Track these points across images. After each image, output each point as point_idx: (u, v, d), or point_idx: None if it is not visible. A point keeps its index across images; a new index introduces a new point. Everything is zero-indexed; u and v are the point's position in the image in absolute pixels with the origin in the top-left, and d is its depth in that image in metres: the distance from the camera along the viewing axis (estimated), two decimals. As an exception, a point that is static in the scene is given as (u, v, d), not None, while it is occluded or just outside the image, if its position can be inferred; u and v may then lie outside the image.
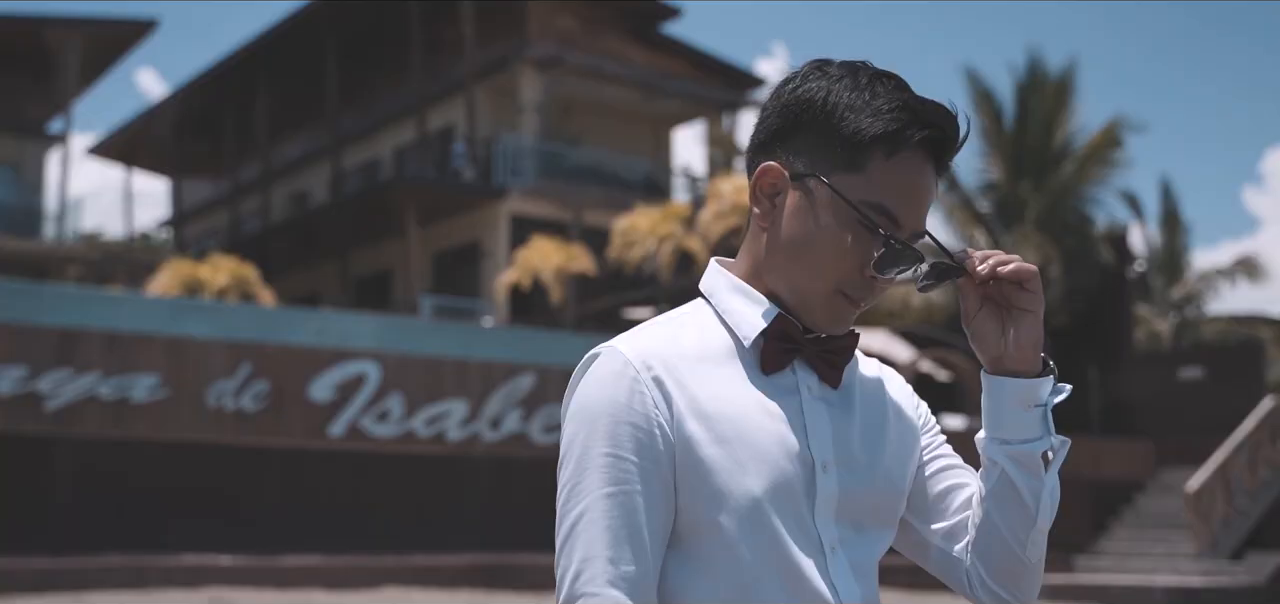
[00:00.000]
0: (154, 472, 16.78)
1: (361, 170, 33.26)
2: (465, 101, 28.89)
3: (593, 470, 1.55)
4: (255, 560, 16.17)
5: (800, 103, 1.62)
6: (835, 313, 1.61)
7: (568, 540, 1.55)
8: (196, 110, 35.85)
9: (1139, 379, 26.98)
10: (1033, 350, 1.62)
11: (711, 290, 1.69)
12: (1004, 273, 1.59)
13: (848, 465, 1.62)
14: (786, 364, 1.62)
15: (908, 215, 1.59)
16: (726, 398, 1.58)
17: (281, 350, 17.68)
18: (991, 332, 1.62)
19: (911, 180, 1.59)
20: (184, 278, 22.92)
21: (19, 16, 30.88)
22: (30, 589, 14.57)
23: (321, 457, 17.81)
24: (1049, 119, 28.79)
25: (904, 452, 1.72)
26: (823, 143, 1.59)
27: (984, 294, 1.63)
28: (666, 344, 1.61)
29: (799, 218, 1.60)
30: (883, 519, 1.68)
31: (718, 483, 1.55)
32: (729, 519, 1.54)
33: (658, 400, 1.56)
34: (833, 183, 1.58)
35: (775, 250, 1.63)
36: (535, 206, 28.19)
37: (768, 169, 1.63)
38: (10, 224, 30.56)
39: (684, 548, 1.57)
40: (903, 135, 1.57)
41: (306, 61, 31.83)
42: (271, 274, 27.82)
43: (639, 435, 1.55)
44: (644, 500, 1.54)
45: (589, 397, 1.58)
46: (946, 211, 28.61)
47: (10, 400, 15.88)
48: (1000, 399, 1.63)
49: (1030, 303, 1.60)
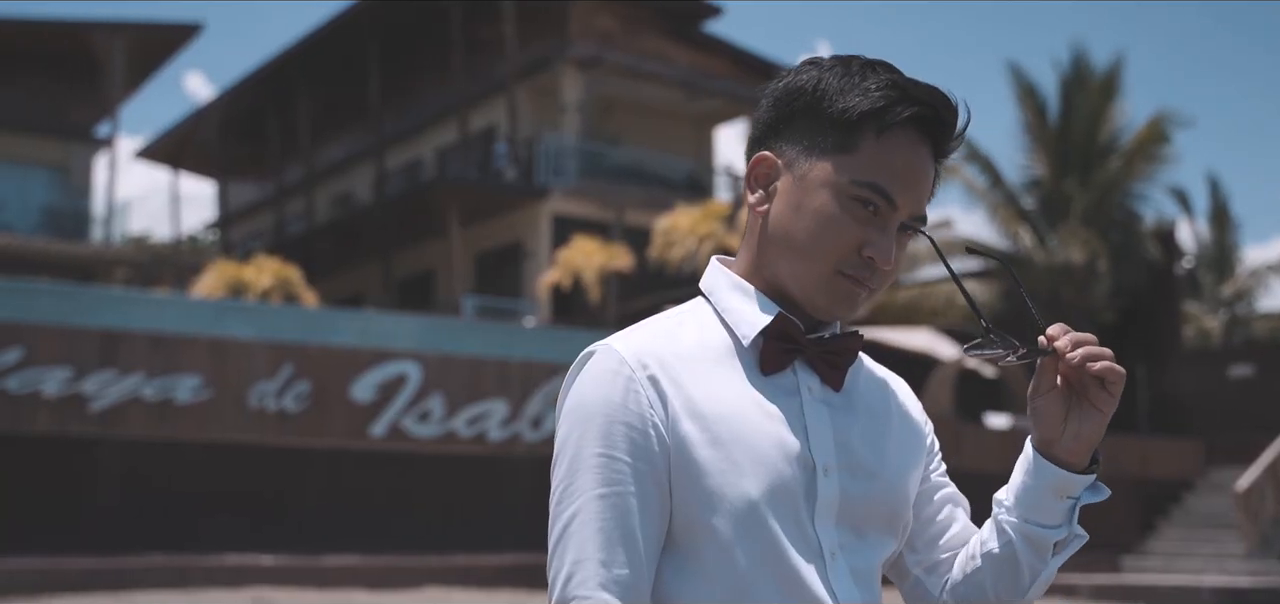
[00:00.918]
0: (197, 472, 16.91)
1: (404, 171, 33.41)
2: (507, 102, 28.95)
3: (586, 471, 1.52)
4: (297, 560, 16.25)
5: (791, 93, 1.60)
6: (837, 294, 1.57)
7: (560, 543, 1.52)
8: (242, 113, 36.13)
9: (1188, 377, 26.69)
10: (1089, 447, 1.58)
11: (711, 289, 1.66)
12: (1093, 369, 1.54)
13: (849, 469, 1.59)
14: (787, 365, 1.59)
15: (902, 195, 1.56)
16: (724, 398, 1.55)
17: (323, 351, 17.76)
18: (1055, 414, 1.58)
19: (904, 159, 1.56)
20: (228, 279, 23.10)
21: (65, 21, 31.23)
22: (75, 589, 14.72)
23: (363, 457, 17.89)
24: (1094, 114, 28.50)
25: (908, 460, 1.68)
26: (814, 128, 1.57)
27: (1064, 372, 1.57)
28: (663, 343, 1.58)
29: (793, 203, 1.58)
30: (885, 525, 1.63)
31: (712, 485, 1.51)
32: (724, 522, 1.51)
33: (653, 400, 1.53)
34: (825, 163, 1.56)
35: (772, 239, 1.60)
36: (577, 206, 28.20)
37: (761, 158, 1.62)
38: (58, 227, 30.91)
39: (679, 551, 1.54)
40: (891, 111, 1.54)
41: (350, 63, 32.00)
42: (315, 275, 28.00)
43: (633, 436, 1.52)
44: (638, 502, 1.51)
45: (583, 396, 1.55)
46: (990, 209, 28.38)
47: (56, 401, 16.05)
48: (1037, 480, 1.60)
49: (1105, 404, 1.56)
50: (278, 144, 36.06)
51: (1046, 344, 1.55)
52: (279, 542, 16.74)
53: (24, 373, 15.87)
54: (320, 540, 17.06)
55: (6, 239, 28.55)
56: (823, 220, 1.55)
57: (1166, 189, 36.45)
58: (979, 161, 28.99)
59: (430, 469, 18.19)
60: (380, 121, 32.17)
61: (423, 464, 18.18)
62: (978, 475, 17.06)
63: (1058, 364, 1.56)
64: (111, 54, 30.86)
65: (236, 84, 35.02)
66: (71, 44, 31.14)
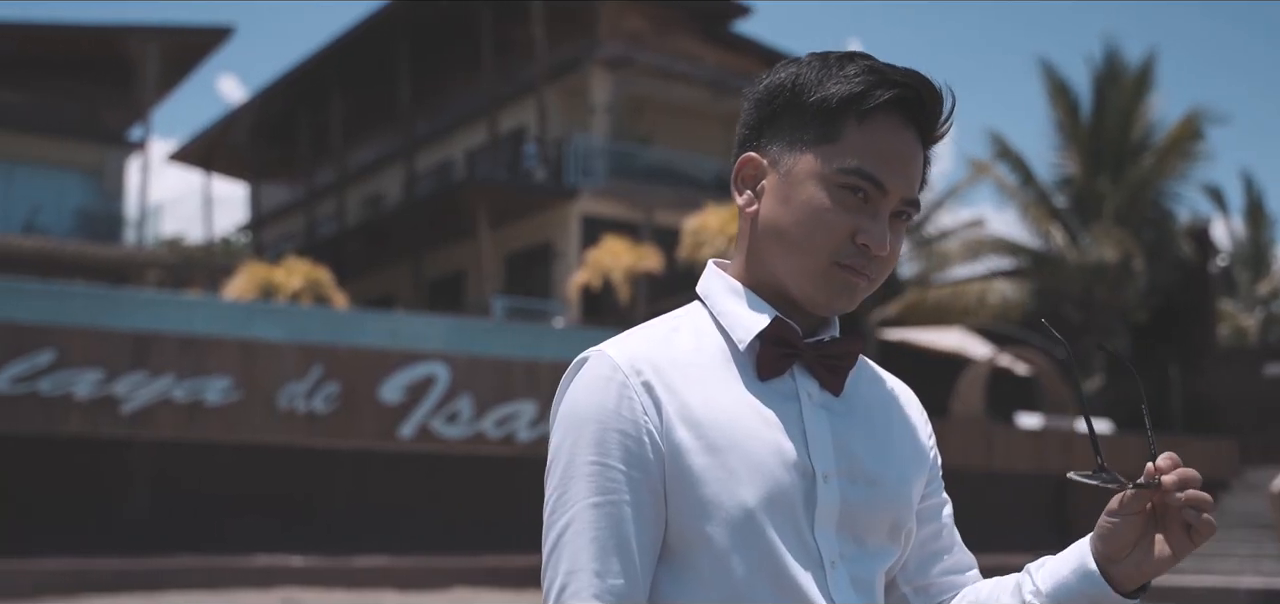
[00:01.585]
0: (226, 473, 17.00)
1: (434, 172, 33.49)
2: (536, 102, 28.98)
3: (579, 479, 1.50)
4: (326, 561, 16.31)
5: (771, 92, 1.59)
6: (835, 287, 1.54)
7: (553, 552, 1.50)
8: (273, 115, 36.32)
9: (1223, 376, 26.47)
10: (1146, 580, 1.53)
11: (707, 293, 1.64)
12: (1187, 517, 1.48)
13: (850, 476, 1.55)
14: (784, 369, 1.56)
15: (890, 179, 1.53)
16: (719, 404, 1.52)
17: (352, 352, 17.82)
18: (1127, 538, 1.51)
19: (887, 142, 1.53)
20: (259, 281, 23.19)
21: (98, 26, 31.45)
22: (106, 589, 14.82)
23: (391, 458, 17.94)
24: (1127, 111, 28.33)
25: (911, 468, 1.64)
26: (796, 122, 1.55)
27: (1156, 504, 1.51)
28: (658, 348, 1.56)
29: (780, 198, 1.56)
30: (888, 533, 1.60)
31: (708, 493, 1.49)
32: (719, 531, 1.48)
33: (647, 406, 1.50)
34: (809, 155, 1.54)
35: (764, 238, 1.58)
36: (606, 207, 28.20)
37: (746, 160, 1.60)
38: (92, 230, 31.14)
39: (674, 560, 1.52)
40: (870, 95, 1.52)
41: (380, 65, 32.12)
42: (346, 276, 28.10)
43: (627, 443, 1.50)
44: (632, 511, 1.49)
45: (576, 402, 1.53)
46: (1022, 208, 28.25)
47: (87, 403, 16.15)
48: (1081, 585, 1.54)
49: (1182, 549, 1.49)
50: (309, 146, 36.23)
51: (1153, 477, 1.50)
52: (308, 542, 16.80)
53: (56, 375, 15.98)
54: (349, 541, 17.12)
55: (41, 242, 28.78)
56: (812, 211, 1.52)
57: (1200, 187, 36.16)
58: (1010, 160, 28.86)
59: (459, 470, 18.22)
60: (411, 123, 32.28)
61: (451, 465, 18.21)
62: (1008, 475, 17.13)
63: (1154, 494, 1.50)
64: (144, 58, 31.08)
65: (268, 86, 35.20)
66: (105, 48, 31.36)
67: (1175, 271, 27.28)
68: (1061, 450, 22.35)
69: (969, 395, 22.34)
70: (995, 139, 29.00)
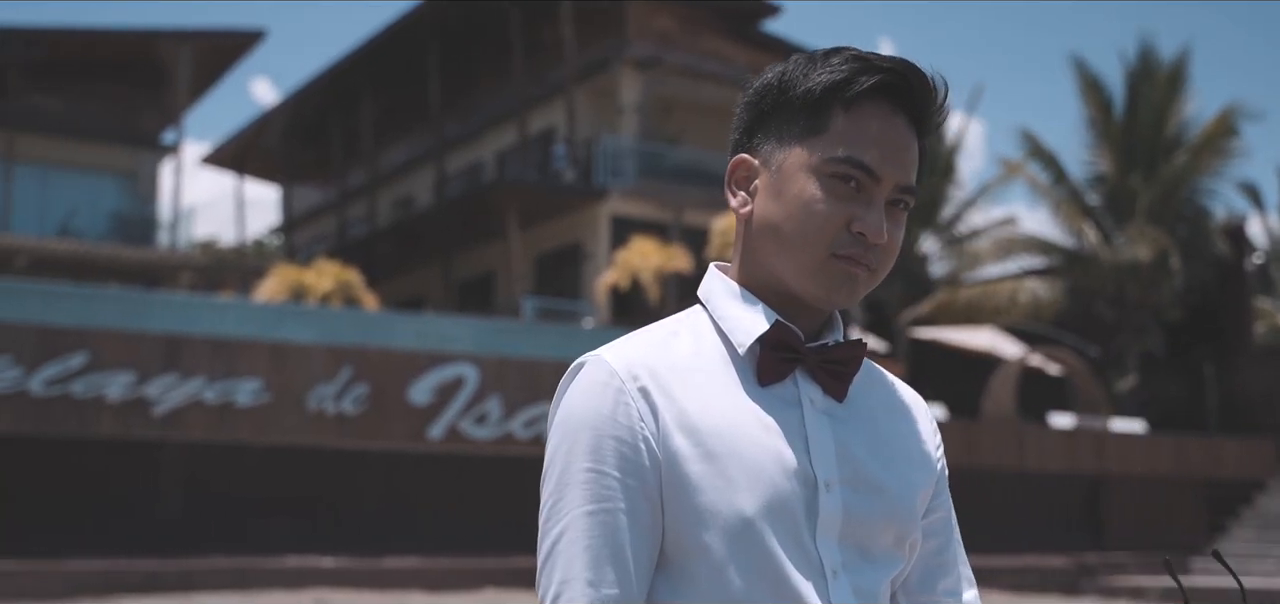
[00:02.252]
0: (257, 474, 17.07)
1: (465, 174, 33.56)
2: (566, 103, 28.99)
3: (574, 487, 1.48)
4: (356, 562, 16.36)
5: (759, 92, 1.58)
6: (834, 279, 1.51)
7: (547, 561, 1.49)
8: (305, 118, 36.50)
9: (1259, 375, 26.21)
10: None
11: (708, 296, 1.61)
12: None
13: (853, 485, 1.52)
14: (786, 375, 1.53)
15: (882, 166, 1.50)
16: (718, 411, 1.50)
17: (381, 354, 17.87)
18: None
19: (877, 128, 1.51)
20: (290, 283, 23.28)
21: (132, 31, 31.68)
22: (138, 590, 14.91)
23: (420, 459, 17.97)
24: (1161, 108, 28.09)
25: (917, 476, 1.61)
26: (785, 119, 1.54)
27: None
28: (656, 353, 1.53)
29: (773, 195, 1.54)
30: (893, 544, 1.57)
31: (705, 501, 1.46)
32: (717, 540, 1.46)
33: (643, 412, 1.48)
34: (798, 148, 1.53)
35: (760, 237, 1.56)
36: (635, 207, 28.18)
37: (737, 162, 1.60)
38: (126, 233, 31.35)
39: (672, 570, 1.49)
40: (855, 82, 1.50)
41: (411, 68, 32.22)
42: (377, 278, 28.19)
43: (623, 450, 1.47)
44: (628, 519, 1.46)
45: (572, 408, 1.51)
46: (1054, 206, 28.06)
47: (119, 405, 16.26)
48: None
49: None
50: (340, 148, 36.38)
51: None
52: (338, 543, 16.86)
53: (89, 377, 16.10)
54: (379, 542, 17.16)
55: (76, 245, 29.00)
56: (804, 204, 1.50)
57: (1236, 184, 35.91)
58: (1042, 158, 28.69)
59: (488, 471, 18.24)
60: (441, 124, 32.36)
61: (480, 466, 18.24)
62: (1041, 475, 16.99)
63: None
64: (176, 62, 31.28)
65: (300, 89, 35.37)
66: (138, 53, 31.59)
67: (1210, 269, 27.04)
68: (1094, 450, 22.18)
69: (1000, 395, 22.20)
70: (1027, 137, 28.83)
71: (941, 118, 1.57)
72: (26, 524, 15.73)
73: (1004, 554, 19.71)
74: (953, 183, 30.56)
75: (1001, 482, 21.08)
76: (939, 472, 1.66)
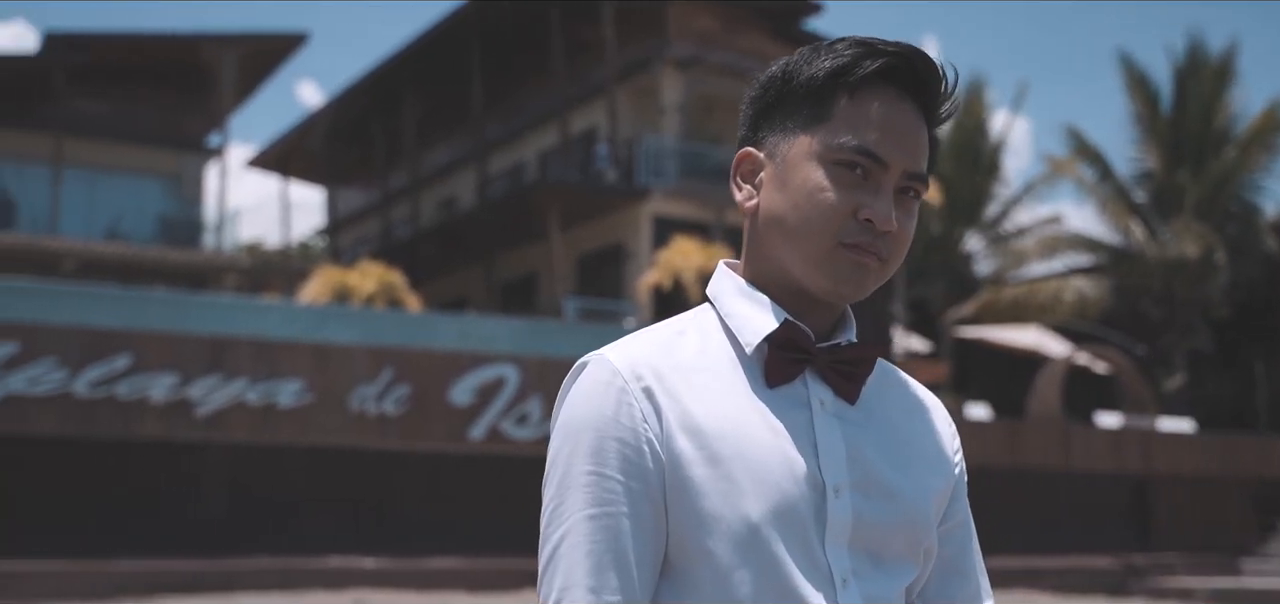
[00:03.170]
0: (299, 475, 17.15)
1: (507, 175, 33.64)
2: (607, 103, 28.99)
3: (575, 490, 1.44)
4: (398, 563, 16.42)
5: (764, 86, 1.55)
6: (842, 269, 1.47)
7: (548, 567, 1.45)
8: (348, 120, 36.68)
9: (1310, 373, 25.84)
10: None
11: (716, 294, 1.57)
12: None
13: (864, 490, 1.48)
14: (794, 376, 1.49)
15: (888, 152, 1.46)
16: (724, 412, 1.45)
17: (422, 355, 17.91)
18: None
19: (882, 113, 1.47)
20: (333, 285, 23.39)
21: (177, 35, 31.94)
22: (182, 590, 15.03)
23: (461, 460, 18.01)
24: (1209, 103, 27.77)
25: (932, 481, 1.56)
26: (789, 109, 1.51)
27: None
28: (661, 352, 1.49)
29: (778, 186, 1.50)
30: (905, 551, 1.52)
31: (709, 506, 1.42)
32: (722, 546, 1.42)
33: (647, 413, 1.44)
34: (803, 137, 1.49)
35: (767, 230, 1.52)
36: (677, 207, 28.13)
37: (742, 156, 1.56)
38: (172, 236, 31.63)
39: (675, 575, 1.46)
40: (858, 66, 1.47)
41: (453, 69, 32.31)
42: (420, 279, 28.28)
43: (625, 452, 1.44)
44: (630, 523, 1.43)
45: (574, 409, 1.48)
46: (1100, 203, 27.80)
47: (164, 406, 16.39)
48: None
49: None
50: (384, 150, 36.55)
51: None
52: (380, 544, 16.92)
53: (133, 378, 16.23)
54: (421, 543, 17.20)
55: (123, 248, 29.28)
56: (808, 193, 1.46)
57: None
58: (1088, 155, 28.44)
59: (528, 472, 18.17)
60: (483, 125, 32.43)
61: (521, 467, 18.24)
62: (1087, 475, 16.82)
63: None
64: (221, 65, 31.51)
65: (343, 91, 35.56)
66: (183, 57, 31.84)
67: (1259, 266, 26.70)
68: (1141, 450, 21.93)
69: (1046, 395, 21.99)
70: (1073, 134, 28.58)
71: (951, 105, 1.53)
72: (72, 525, 15.89)
73: (1049, 555, 19.53)
74: (998, 181, 30.35)
75: (1047, 482, 20.89)
76: (957, 475, 1.61)
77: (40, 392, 15.85)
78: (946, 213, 28.42)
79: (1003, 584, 18.13)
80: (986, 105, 31.01)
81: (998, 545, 19.54)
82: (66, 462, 16.16)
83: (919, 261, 28.84)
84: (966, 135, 30.32)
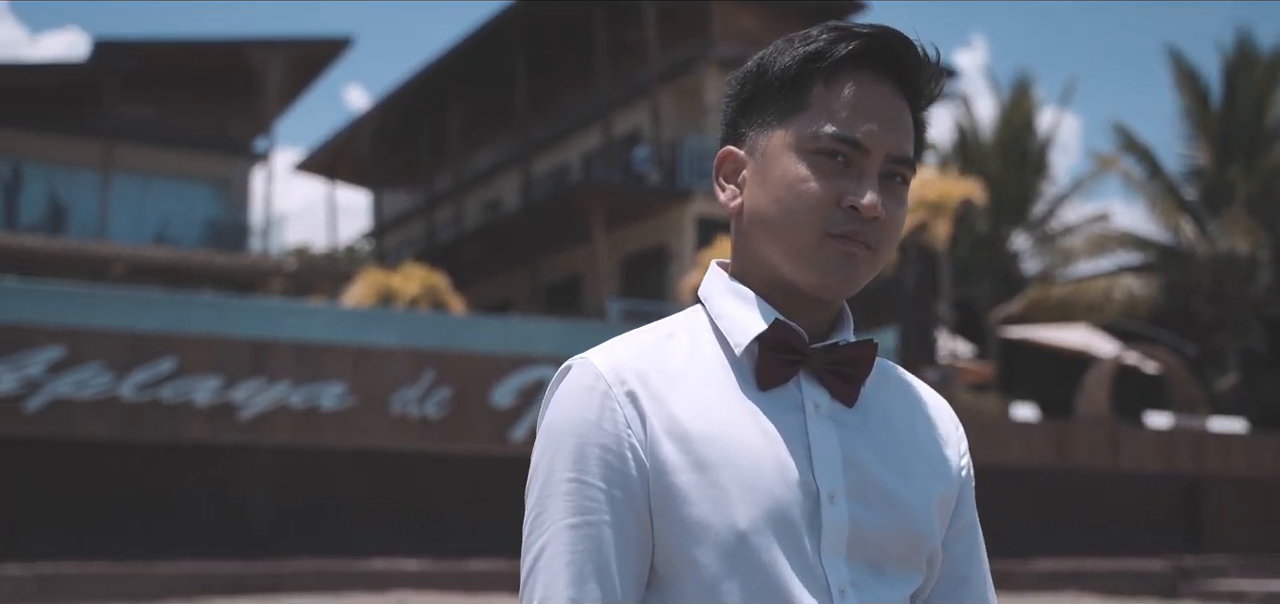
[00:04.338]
0: (341, 478, 17.21)
1: (551, 176, 33.69)
2: (650, 105, 28.97)
3: (556, 498, 1.39)
4: (440, 564, 16.44)
5: (741, 81, 1.50)
6: (831, 261, 1.41)
7: (529, 578, 1.40)
8: (394, 123, 36.86)
9: (1366, 371, 25.41)
10: None
11: (707, 295, 1.52)
12: None
13: (861, 496, 1.42)
14: (787, 377, 1.43)
15: (868, 135, 1.41)
16: (712, 417, 1.40)
17: (464, 357, 17.93)
18: None
19: (860, 97, 1.42)
20: (378, 287, 23.48)
21: (223, 41, 32.22)
22: (227, 592, 15.11)
23: (503, 462, 17.99)
24: (1260, 97, 27.40)
25: (935, 485, 1.49)
26: (766, 101, 1.46)
27: None
28: (647, 355, 1.44)
29: (760, 182, 1.45)
30: (906, 559, 1.45)
31: (695, 514, 1.37)
32: (709, 556, 1.36)
33: (630, 419, 1.39)
34: (780, 130, 1.44)
35: (752, 228, 1.47)
36: (720, 208, 28.03)
37: (723, 156, 1.51)
38: (219, 240, 31.91)
39: (662, 586, 1.40)
40: (832, 51, 1.42)
41: (497, 71, 32.39)
42: (464, 281, 28.35)
43: (608, 459, 1.39)
44: (613, 533, 1.38)
45: (556, 414, 1.43)
46: (1150, 201, 27.47)
47: (207, 409, 16.49)
48: None
49: None
50: (429, 153, 36.70)
51: None
52: (422, 546, 16.94)
53: (177, 382, 16.35)
54: (463, 545, 17.21)
55: (171, 253, 29.56)
56: (789, 185, 1.41)
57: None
58: (1137, 151, 28.12)
59: (571, 474, 18.19)
60: (527, 128, 32.49)
61: (563, 469, 18.21)
62: (1136, 476, 16.60)
63: None
64: (267, 70, 31.74)
65: (388, 95, 35.74)
66: (230, 63, 32.11)
67: (1314, 263, 26.31)
68: (1192, 451, 21.64)
69: (1095, 394, 21.74)
70: (1121, 131, 28.26)
71: (936, 86, 1.48)
72: (117, 527, 16.02)
73: (1097, 557, 19.30)
74: (1045, 179, 30.06)
75: (1095, 483, 20.66)
76: (963, 479, 1.54)
77: (87, 395, 15.99)
78: (993, 211, 28.17)
79: (1051, 587, 17.92)
80: (1034, 102, 30.74)
81: (1045, 547, 19.38)
82: (112, 464, 16.29)
83: (965, 260, 28.62)
84: (1014, 133, 30.07)
